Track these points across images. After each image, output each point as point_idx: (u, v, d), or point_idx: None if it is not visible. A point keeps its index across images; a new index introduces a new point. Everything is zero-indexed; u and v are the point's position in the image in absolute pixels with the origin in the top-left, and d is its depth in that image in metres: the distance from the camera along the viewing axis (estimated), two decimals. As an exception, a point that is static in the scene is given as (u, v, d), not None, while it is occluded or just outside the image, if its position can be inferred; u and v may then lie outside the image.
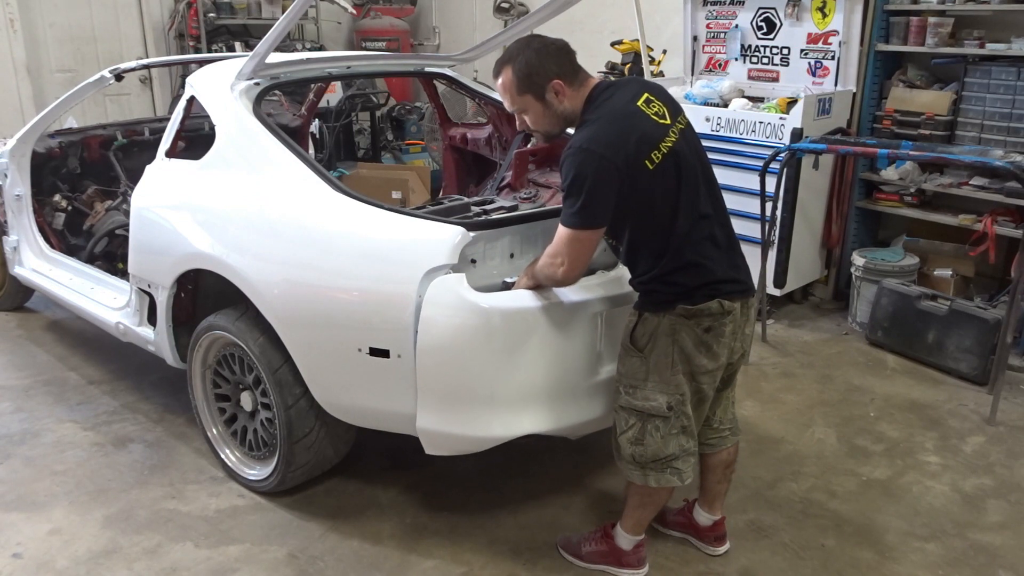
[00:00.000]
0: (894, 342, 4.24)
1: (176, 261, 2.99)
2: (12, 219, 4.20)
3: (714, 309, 2.25)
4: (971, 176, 4.33)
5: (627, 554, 2.54)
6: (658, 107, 2.25)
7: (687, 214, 2.22)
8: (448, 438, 2.49)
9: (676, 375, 2.28)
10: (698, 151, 2.33)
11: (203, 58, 4.42)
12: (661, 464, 2.35)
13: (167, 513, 2.88)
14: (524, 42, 2.28)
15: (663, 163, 2.18)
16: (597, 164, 2.12)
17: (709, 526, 2.69)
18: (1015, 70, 4.10)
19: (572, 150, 2.15)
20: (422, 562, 2.64)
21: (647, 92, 2.28)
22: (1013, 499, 3.02)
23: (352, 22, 7.97)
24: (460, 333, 2.32)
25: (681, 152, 2.23)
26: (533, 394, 2.45)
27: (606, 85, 2.30)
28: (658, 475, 2.36)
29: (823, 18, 4.63)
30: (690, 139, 2.31)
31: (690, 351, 2.27)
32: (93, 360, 4.10)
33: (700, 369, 2.30)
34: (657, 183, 2.18)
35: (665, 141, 2.20)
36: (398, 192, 5.70)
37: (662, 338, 2.26)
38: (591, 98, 2.27)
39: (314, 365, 2.64)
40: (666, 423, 2.31)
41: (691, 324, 2.25)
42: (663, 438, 2.32)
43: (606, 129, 2.17)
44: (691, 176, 2.24)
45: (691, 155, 2.27)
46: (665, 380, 2.28)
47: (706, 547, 2.70)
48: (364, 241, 2.53)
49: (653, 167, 2.16)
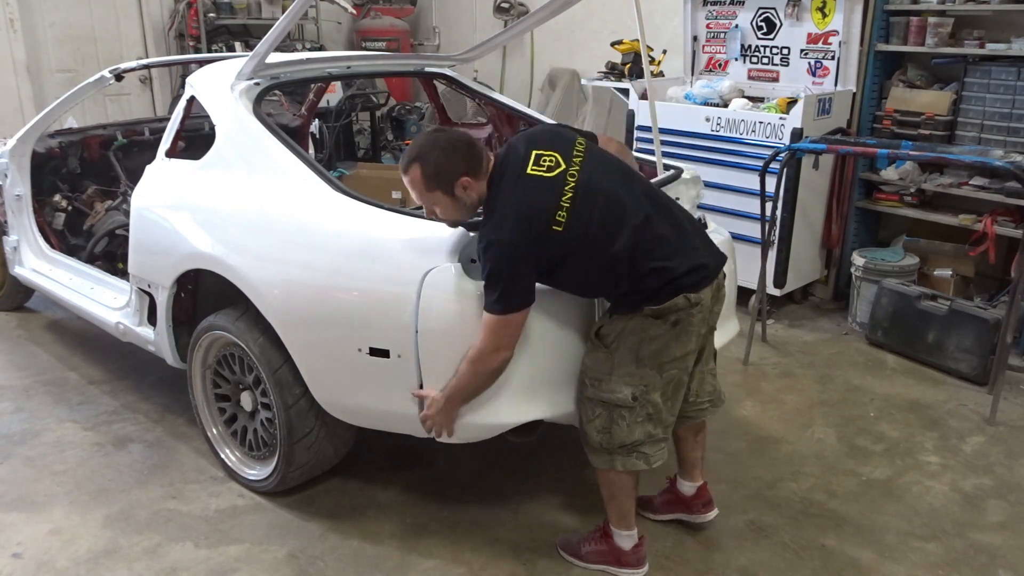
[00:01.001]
0: (894, 342, 4.25)
1: (176, 261, 2.99)
2: (12, 219, 4.21)
3: (680, 305, 2.29)
4: (971, 176, 4.33)
5: (626, 553, 2.56)
6: (549, 159, 2.29)
7: (624, 233, 2.24)
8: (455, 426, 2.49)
9: (642, 368, 2.34)
10: (608, 163, 2.37)
11: (203, 58, 4.42)
12: (627, 449, 2.41)
13: (167, 513, 2.88)
14: (431, 139, 2.31)
15: (572, 212, 2.22)
16: (508, 253, 2.20)
17: (693, 495, 2.76)
18: (1015, 70, 4.10)
19: (483, 245, 2.23)
20: (422, 562, 2.64)
21: (535, 149, 2.31)
22: (1013, 499, 3.02)
23: (352, 22, 7.97)
24: (457, 319, 2.33)
25: (587, 184, 2.26)
26: (536, 380, 2.45)
27: (500, 159, 2.34)
28: (624, 459, 2.42)
29: (823, 18, 4.63)
30: (595, 159, 2.35)
31: (658, 347, 2.33)
32: (93, 360, 4.10)
33: (668, 358, 2.36)
34: (575, 234, 2.22)
35: (565, 195, 2.24)
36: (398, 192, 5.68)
37: (629, 336, 2.32)
38: (491, 180, 2.31)
39: (314, 365, 2.64)
40: (631, 412, 2.36)
41: (659, 322, 2.30)
42: (628, 426, 2.38)
43: (508, 213, 2.23)
44: (610, 197, 2.27)
45: (602, 176, 2.30)
46: (630, 373, 2.34)
47: (696, 517, 2.77)
48: (364, 241, 2.53)
49: (562, 227, 2.21)
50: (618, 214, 2.26)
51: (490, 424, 2.47)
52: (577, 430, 2.51)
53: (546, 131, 2.45)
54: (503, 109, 3.99)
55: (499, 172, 2.31)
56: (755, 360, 4.13)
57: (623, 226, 2.24)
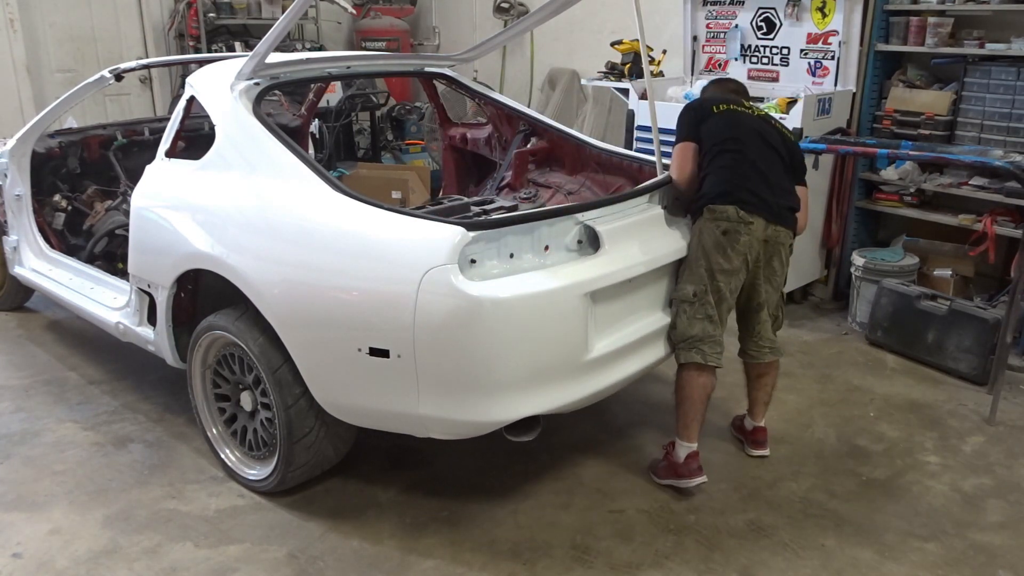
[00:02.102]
0: (894, 342, 4.25)
1: (176, 261, 2.99)
2: (12, 219, 4.21)
3: (730, 214, 2.84)
4: (971, 176, 4.33)
5: (680, 465, 2.94)
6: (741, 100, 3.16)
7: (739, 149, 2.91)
8: (450, 423, 2.50)
9: (699, 268, 2.88)
10: (762, 130, 3.00)
11: (203, 58, 4.42)
12: (688, 343, 2.89)
13: (167, 513, 2.88)
14: None
15: (724, 113, 3.01)
16: (686, 110, 3.10)
17: (751, 430, 3.26)
18: (1015, 70, 4.10)
19: None
20: (422, 562, 2.65)
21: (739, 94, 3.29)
22: (1013, 499, 3.02)
23: (352, 22, 7.97)
24: (456, 319, 2.33)
25: (739, 116, 3.01)
26: (528, 377, 2.47)
27: None
28: (686, 352, 2.90)
29: (823, 18, 4.63)
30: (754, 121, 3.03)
31: (709, 248, 2.86)
32: (93, 360, 4.10)
33: (717, 267, 2.86)
34: (716, 124, 2.98)
35: (729, 105, 3.04)
36: (398, 192, 5.70)
37: (695, 238, 2.93)
38: None
39: (314, 365, 2.64)
40: (691, 307, 2.88)
41: (712, 225, 2.86)
42: (688, 320, 2.89)
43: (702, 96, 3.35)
44: (747, 136, 2.96)
45: (750, 127, 2.99)
46: (693, 272, 2.90)
47: (749, 449, 3.25)
48: (364, 241, 2.53)
49: (717, 111, 3.01)
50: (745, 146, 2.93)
51: (483, 422, 2.48)
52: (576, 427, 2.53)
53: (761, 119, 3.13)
54: (503, 109, 3.99)
55: None
56: (755, 360, 4.13)
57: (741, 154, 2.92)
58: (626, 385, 2.90)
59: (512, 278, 2.45)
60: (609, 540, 2.75)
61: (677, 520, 2.85)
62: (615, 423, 3.50)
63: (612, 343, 2.72)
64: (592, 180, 3.76)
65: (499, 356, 2.41)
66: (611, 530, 2.80)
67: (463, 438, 2.60)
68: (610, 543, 2.73)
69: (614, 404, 3.55)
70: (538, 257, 2.57)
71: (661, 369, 3.24)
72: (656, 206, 2.98)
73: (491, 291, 2.37)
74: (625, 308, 2.79)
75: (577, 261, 2.64)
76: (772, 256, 2.98)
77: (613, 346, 2.72)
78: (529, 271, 2.51)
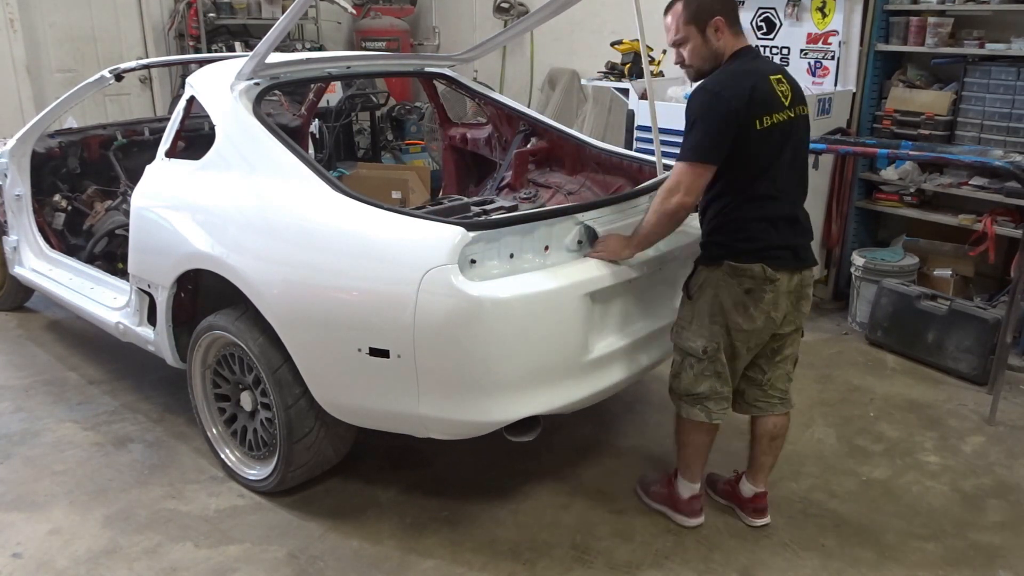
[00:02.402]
0: (894, 342, 4.25)
1: (176, 261, 2.99)
2: (12, 219, 4.20)
3: (756, 273, 2.47)
4: (971, 176, 4.33)
5: (682, 501, 2.79)
6: (786, 88, 2.49)
7: (770, 183, 2.46)
8: (449, 423, 2.50)
9: (714, 325, 2.54)
10: (802, 142, 2.57)
11: (203, 58, 4.42)
12: (693, 399, 2.63)
13: (167, 513, 2.88)
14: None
15: (769, 130, 2.40)
16: (721, 105, 2.35)
17: (750, 497, 2.84)
18: (1015, 70, 4.10)
19: (701, 90, 2.42)
20: (422, 562, 2.65)
21: (780, 74, 2.52)
22: (1013, 499, 3.02)
23: (352, 22, 7.97)
24: (456, 319, 2.33)
25: (787, 131, 2.46)
26: (528, 377, 2.47)
27: (755, 54, 2.55)
28: (689, 408, 2.65)
29: (823, 18, 4.63)
30: (800, 128, 2.54)
31: (728, 307, 2.51)
32: (93, 360, 4.10)
33: (735, 326, 2.53)
34: (757, 144, 2.40)
35: (779, 114, 2.43)
36: (398, 192, 5.70)
37: (708, 289, 2.53)
38: (737, 54, 2.49)
39: (314, 365, 2.64)
40: (700, 364, 2.58)
41: (733, 283, 2.49)
42: (695, 377, 2.60)
43: (736, 79, 2.40)
44: (788, 156, 2.48)
45: (794, 140, 2.51)
46: (704, 327, 2.55)
47: (746, 518, 2.85)
48: (364, 241, 2.53)
49: (760, 128, 2.38)
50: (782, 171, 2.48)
51: (483, 422, 2.48)
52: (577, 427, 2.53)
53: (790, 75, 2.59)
54: (503, 109, 3.99)
55: (746, 55, 2.50)
56: (755, 360, 4.13)
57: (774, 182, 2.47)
58: (626, 385, 2.91)
59: (512, 278, 2.45)
60: (609, 540, 2.75)
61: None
62: (615, 423, 3.50)
63: (612, 343, 2.72)
64: (592, 180, 3.76)
65: (499, 356, 2.41)
66: (611, 530, 2.80)
67: (463, 438, 2.60)
68: (610, 543, 2.73)
69: (614, 404, 3.55)
70: (538, 257, 2.57)
71: (661, 369, 3.23)
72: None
73: (491, 291, 2.37)
74: (625, 308, 2.79)
75: (577, 261, 2.64)
76: (800, 300, 2.60)
77: (613, 346, 2.72)
78: (529, 271, 2.51)
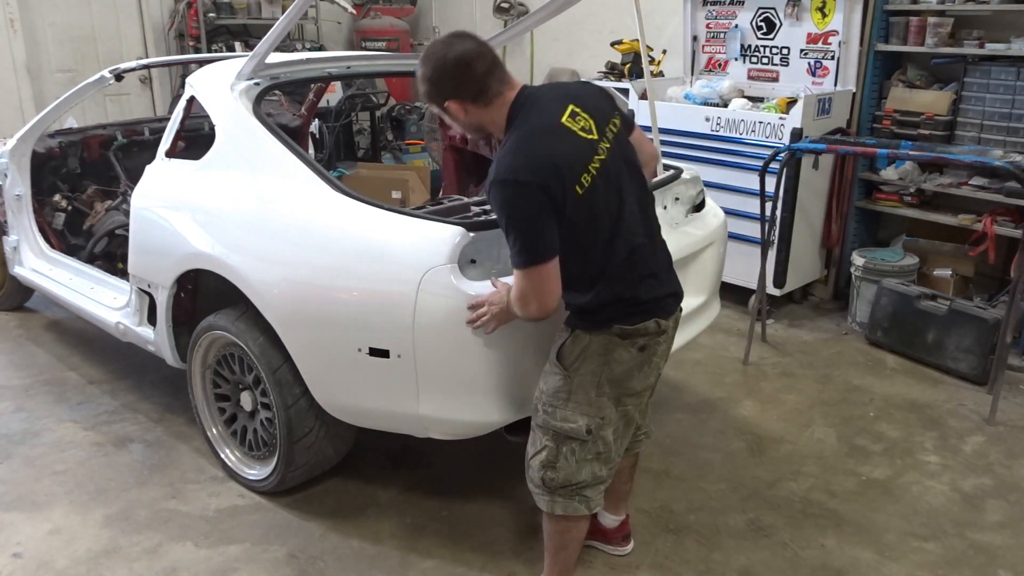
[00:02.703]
0: (894, 342, 4.25)
1: (176, 261, 2.99)
2: (12, 219, 4.21)
3: (651, 329, 2.15)
4: (971, 176, 4.33)
5: None
6: (584, 121, 2.07)
7: (623, 238, 2.10)
8: (450, 423, 2.50)
9: (601, 397, 2.16)
10: (630, 162, 2.19)
11: (203, 58, 4.42)
12: (570, 491, 2.23)
13: (167, 513, 2.89)
14: (439, 48, 2.11)
15: (593, 185, 2.02)
16: (527, 194, 1.94)
17: (615, 527, 2.66)
18: (1015, 70, 4.10)
19: (497, 184, 1.97)
20: (422, 562, 2.65)
21: (572, 104, 2.09)
22: (1013, 499, 3.02)
23: (352, 22, 7.97)
24: (456, 319, 2.33)
25: (612, 170, 2.08)
26: (526, 378, 2.45)
27: (531, 100, 2.10)
28: (565, 502, 2.24)
29: (823, 18, 4.63)
30: (623, 150, 2.17)
31: (620, 374, 2.16)
32: (93, 360, 4.10)
33: (629, 391, 2.20)
34: (588, 208, 2.02)
35: (593, 162, 2.04)
36: (398, 192, 5.69)
37: (593, 358, 2.14)
38: (514, 110, 2.09)
39: (314, 365, 2.64)
40: (583, 447, 2.18)
41: (626, 344, 2.14)
42: (577, 463, 2.20)
43: (529, 153, 1.99)
44: (626, 195, 2.12)
45: (623, 171, 2.14)
46: (588, 402, 2.15)
47: (614, 548, 2.67)
48: (364, 241, 2.53)
49: (583, 192, 2.00)
50: (627, 219, 2.12)
51: (483, 422, 2.48)
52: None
53: (586, 91, 2.21)
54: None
55: (526, 108, 2.07)
56: (755, 360, 4.14)
57: (628, 232, 2.11)
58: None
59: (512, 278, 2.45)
60: (609, 540, 2.75)
61: (677, 520, 2.85)
62: (615, 423, 3.50)
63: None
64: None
65: (499, 356, 2.41)
66: (611, 530, 2.80)
67: (463, 438, 2.60)
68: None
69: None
70: (538, 257, 2.56)
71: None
72: (656, 206, 2.98)
73: (483, 287, 2.36)
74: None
75: None
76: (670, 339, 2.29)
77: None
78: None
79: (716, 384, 3.88)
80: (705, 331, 3.21)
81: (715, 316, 3.26)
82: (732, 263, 3.56)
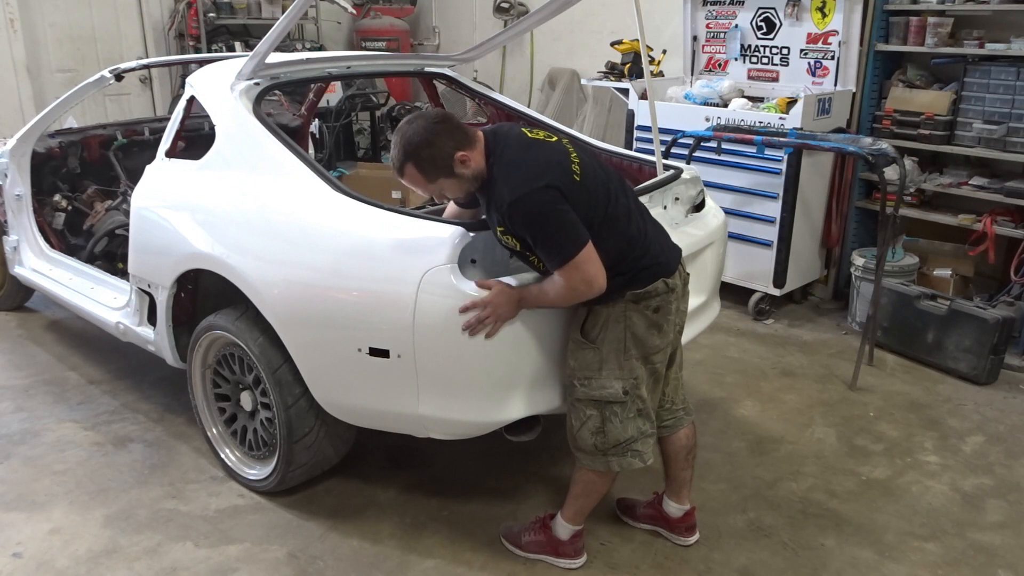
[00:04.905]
0: (894, 342, 4.25)
1: (176, 261, 2.99)
2: (12, 219, 4.21)
3: (660, 289, 2.35)
4: (971, 176, 4.34)
5: (564, 544, 2.60)
6: (543, 133, 2.38)
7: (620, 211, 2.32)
8: (449, 423, 2.50)
9: (629, 360, 2.36)
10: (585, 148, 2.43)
11: (203, 58, 4.42)
12: (622, 448, 2.42)
13: (167, 513, 2.89)
14: (411, 134, 2.26)
15: (583, 171, 2.27)
16: (547, 195, 2.17)
17: (679, 517, 2.73)
18: (1014, 70, 4.10)
19: (517, 201, 2.17)
20: (422, 562, 2.65)
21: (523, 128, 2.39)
22: (1013, 499, 3.02)
23: (352, 22, 7.97)
24: (455, 319, 2.33)
25: (583, 156, 2.33)
26: (528, 377, 2.47)
27: (492, 133, 2.35)
28: (620, 459, 2.43)
29: (823, 18, 4.63)
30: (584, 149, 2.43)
31: (642, 334, 2.35)
32: (93, 360, 4.10)
33: (653, 349, 2.39)
34: (588, 191, 2.25)
35: (571, 152, 2.31)
36: (398, 192, 5.70)
37: (613, 325, 2.34)
38: (489, 150, 2.30)
39: (314, 365, 2.64)
40: (623, 408, 2.38)
41: (640, 307, 2.34)
42: (622, 423, 2.39)
43: (529, 164, 2.24)
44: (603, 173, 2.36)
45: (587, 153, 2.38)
46: (619, 366, 2.35)
47: (677, 538, 2.73)
48: (364, 241, 2.53)
49: (580, 178, 2.25)
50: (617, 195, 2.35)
51: (483, 422, 2.48)
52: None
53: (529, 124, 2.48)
54: (503, 109, 3.99)
55: (498, 144, 2.30)
56: (755, 360, 4.14)
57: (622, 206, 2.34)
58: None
59: (512, 278, 2.45)
60: (609, 540, 2.75)
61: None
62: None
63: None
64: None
65: (499, 356, 2.41)
66: (611, 530, 2.80)
67: (463, 438, 2.60)
68: (610, 543, 2.73)
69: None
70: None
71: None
72: (656, 206, 2.98)
73: None
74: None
75: None
76: (683, 298, 2.52)
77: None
78: (529, 271, 2.51)
79: (716, 384, 3.88)
80: (705, 331, 3.22)
81: (715, 316, 3.27)
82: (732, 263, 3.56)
